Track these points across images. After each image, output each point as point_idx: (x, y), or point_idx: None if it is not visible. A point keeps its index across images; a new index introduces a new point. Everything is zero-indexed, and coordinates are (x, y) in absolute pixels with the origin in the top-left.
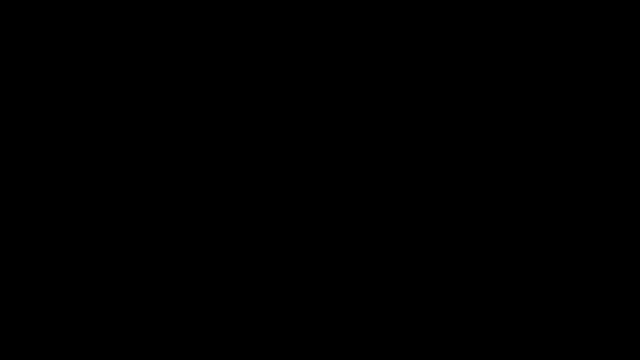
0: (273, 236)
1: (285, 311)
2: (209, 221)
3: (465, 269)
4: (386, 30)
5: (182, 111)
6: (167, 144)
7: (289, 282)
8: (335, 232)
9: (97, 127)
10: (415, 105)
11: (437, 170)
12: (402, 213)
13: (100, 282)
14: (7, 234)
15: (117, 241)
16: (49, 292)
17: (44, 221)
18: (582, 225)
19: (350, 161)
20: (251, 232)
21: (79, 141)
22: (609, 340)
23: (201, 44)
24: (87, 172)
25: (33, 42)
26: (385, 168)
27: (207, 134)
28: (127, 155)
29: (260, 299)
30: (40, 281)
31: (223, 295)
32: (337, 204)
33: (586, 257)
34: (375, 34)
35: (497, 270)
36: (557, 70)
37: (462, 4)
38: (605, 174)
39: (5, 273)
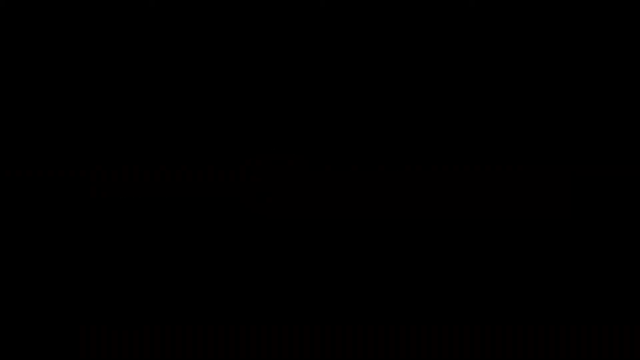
0: (273, 236)
1: (285, 311)
2: (209, 221)
3: (465, 269)
4: (386, 30)
5: (182, 111)
6: (167, 144)
7: (289, 282)
8: (335, 232)
9: (97, 127)
10: (415, 105)
11: (437, 170)
12: (402, 213)
13: (100, 282)
14: (7, 234)
15: (117, 241)
16: (49, 292)
17: (44, 221)
18: (582, 225)
19: (350, 161)
20: (251, 232)
21: (79, 141)
22: (609, 340)
23: (201, 44)
24: (87, 172)
25: (33, 42)
26: (385, 168)
27: (207, 134)
28: (127, 155)
29: (260, 299)
30: (41, 281)
31: (223, 295)
32: (337, 204)
33: (586, 257)
34: (375, 34)
35: (497, 270)
36: (557, 70)
37: (462, 4)
38: (605, 174)
39: (6, 273)
